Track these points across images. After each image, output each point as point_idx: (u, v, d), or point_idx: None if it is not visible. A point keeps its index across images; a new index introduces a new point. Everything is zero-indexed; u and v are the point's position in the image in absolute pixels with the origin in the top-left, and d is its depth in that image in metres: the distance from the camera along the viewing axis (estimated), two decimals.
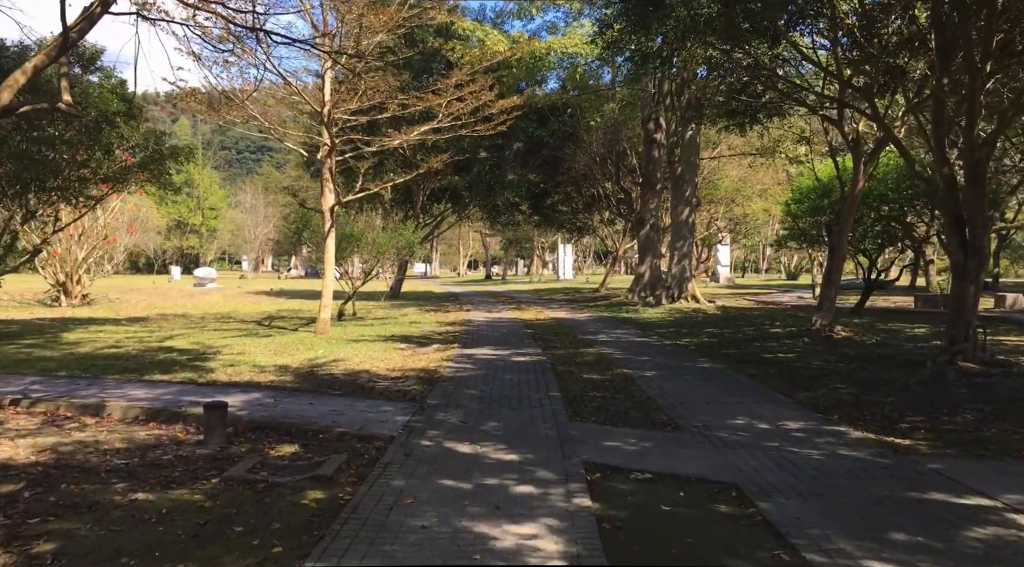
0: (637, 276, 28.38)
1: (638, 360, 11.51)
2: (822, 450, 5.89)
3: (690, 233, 23.77)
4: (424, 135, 17.64)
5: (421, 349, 12.99)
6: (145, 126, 16.35)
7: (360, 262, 19.50)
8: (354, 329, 16.78)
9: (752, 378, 9.69)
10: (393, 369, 10.45)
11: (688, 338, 14.87)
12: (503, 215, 36.64)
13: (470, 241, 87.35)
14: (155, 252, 75.24)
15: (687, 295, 23.47)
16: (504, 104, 18.51)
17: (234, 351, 12.48)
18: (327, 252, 15.74)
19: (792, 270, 57.46)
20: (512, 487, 4.89)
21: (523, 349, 12.97)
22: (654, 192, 27.80)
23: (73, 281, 24.17)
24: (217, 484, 4.91)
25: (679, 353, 12.54)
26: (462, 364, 10.92)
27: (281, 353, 12.29)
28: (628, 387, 8.99)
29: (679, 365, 10.96)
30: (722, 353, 12.39)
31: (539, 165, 31.64)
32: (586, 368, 10.64)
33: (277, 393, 8.16)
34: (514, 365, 10.89)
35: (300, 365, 10.78)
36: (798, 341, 13.59)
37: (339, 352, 12.36)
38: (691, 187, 23.42)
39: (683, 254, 23.64)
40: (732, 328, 16.58)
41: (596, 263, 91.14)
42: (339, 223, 18.68)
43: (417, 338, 14.90)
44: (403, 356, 11.93)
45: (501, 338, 15.02)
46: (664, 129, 27.13)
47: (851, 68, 12.04)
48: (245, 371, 10.08)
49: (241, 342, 13.97)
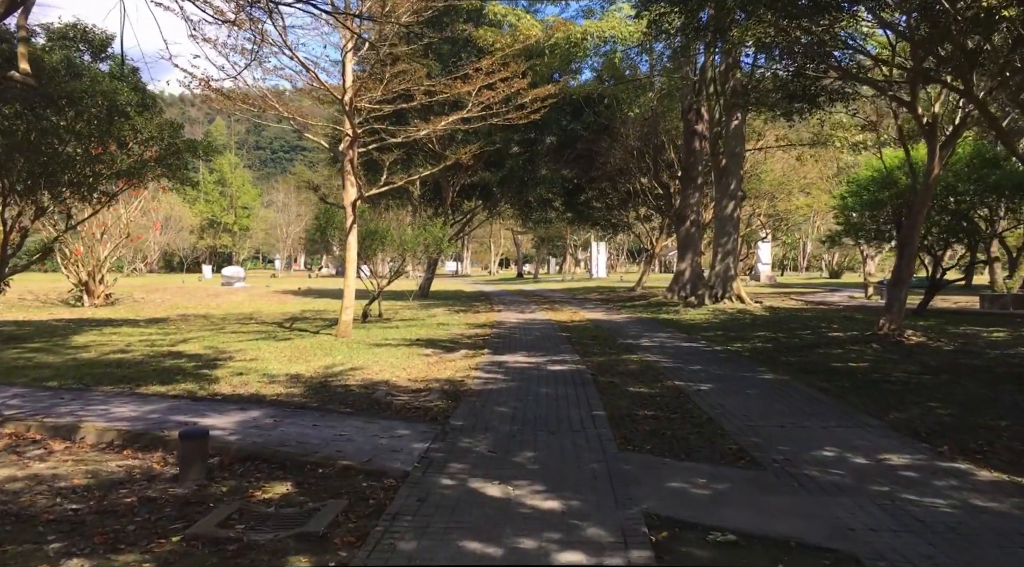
0: (676, 275, 26.99)
1: (689, 370, 10.27)
2: (949, 499, 4.62)
3: (735, 229, 22.33)
4: (452, 125, 16.55)
5: (448, 355, 11.91)
6: (159, 118, 15.50)
7: (387, 260, 18.51)
8: (378, 332, 15.78)
9: (825, 393, 8.39)
10: (415, 379, 9.37)
11: (739, 343, 13.55)
12: (535, 212, 35.47)
13: (501, 239, 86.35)
14: (187, 251, 75.70)
15: (731, 295, 22.04)
16: (538, 93, 17.33)
17: (247, 357, 11.54)
18: (348, 250, 14.75)
19: (834, 268, 55.20)
20: (554, 553, 3.74)
21: (559, 356, 11.80)
22: (695, 186, 26.39)
23: (96, 281, 23.63)
24: (177, 545, 3.85)
25: (733, 361, 11.25)
26: (492, 374, 9.79)
27: (297, 359, 11.31)
28: (683, 404, 7.77)
29: (736, 376, 9.68)
30: (782, 361, 11.08)
31: (573, 160, 30.40)
32: (631, 379, 9.43)
33: (280, 410, 7.12)
34: (550, 375, 9.73)
35: (314, 374, 9.76)
36: (866, 347, 12.18)
37: (359, 358, 11.33)
38: (736, 180, 21.97)
39: (727, 251, 22.22)
40: (786, 332, 15.20)
41: (629, 261, 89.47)
42: (363, 219, 17.73)
43: (444, 342, 13.83)
44: (427, 364, 10.85)
45: (534, 343, 13.87)
46: (706, 120, 25.69)
47: (932, 39, 10.61)
48: (252, 382, 9.09)
49: (257, 346, 13.05)
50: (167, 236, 67.19)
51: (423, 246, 17.95)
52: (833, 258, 61.94)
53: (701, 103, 25.17)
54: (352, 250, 14.80)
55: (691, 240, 26.57)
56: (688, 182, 26.45)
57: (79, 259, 23.25)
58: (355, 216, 14.76)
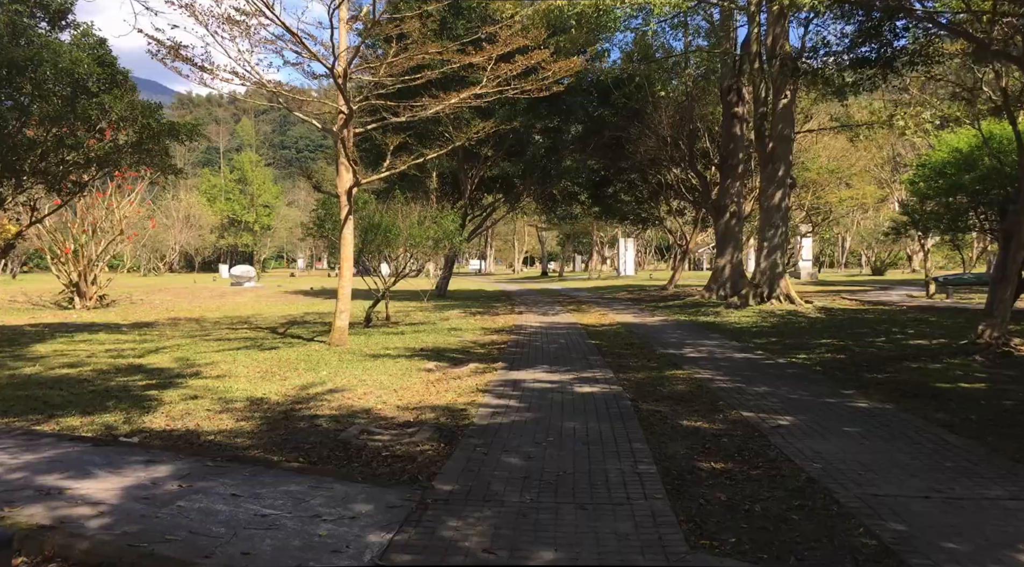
0: (715, 272, 24.69)
1: (753, 391, 8.10)
2: None
3: (783, 221, 20.00)
4: (465, 102, 14.48)
5: (454, 370, 9.87)
6: (131, 96, 13.69)
7: (406, 257, 16.52)
8: (380, 338, 13.81)
9: (951, 430, 6.19)
10: (406, 407, 7.35)
11: (802, 353, 11.33)
12: (560, 206, 33.37)
13: (525, 236, 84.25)
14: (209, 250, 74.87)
15: (779, 294, 19.72)
16: (561, 66, 15.21)
17: (215, 373, 9.63)
18: (343, 245, 12.78)
19: (877, 264, 52.16)
20: None
21: (588, 371, 9.70)
22: (735, 175, 24.07)
23: (87, 281, 22.02)
24: None
25: (806, 379, 9.05)
26: (503, 399, 7.73)
27: (271, 376, 9.37)
28: (762, 451, 5.63)
29: (820, 402, 7.50)
30: (865, 379, 8.87)
31: (600, 148, 28.21)
32: (683, 407, 7.30)
33: (200, 465, 5.12)
34: (577, 401, 7.64)
35: (282, 399, 7.79)
36: (967, 361, 9.90)
37: (345, 375, 9.35)
38: (784, 166, 19.63)
39: (774, 245, 19.90)
40: (854, 338, 12.92)
41: (657, 258, 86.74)
42: (366, 212, 15.78)
43: (453, 353, 11.80)
44: (426, 383, 8.82)
45: (558, 353, 11.78)
46: (747, 101, 23.36)
47: None
48: (199, 411, 7.13)
49: (234, 358, 11.15)
50: (185, 235, 66.32)
51: (433, 241, 15.93)
52: (874, 254, 58.85)
53: (743, 83, 22.85)
54: (348, 245, 12.83)
55: (731, 234, 24.26)
56: (727, 170, 24.12)
57: (69, 258, 21.65)
58: (351, 206, 12.79)
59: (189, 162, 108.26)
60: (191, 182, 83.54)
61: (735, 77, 22.88)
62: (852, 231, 57.25)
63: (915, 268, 57.33)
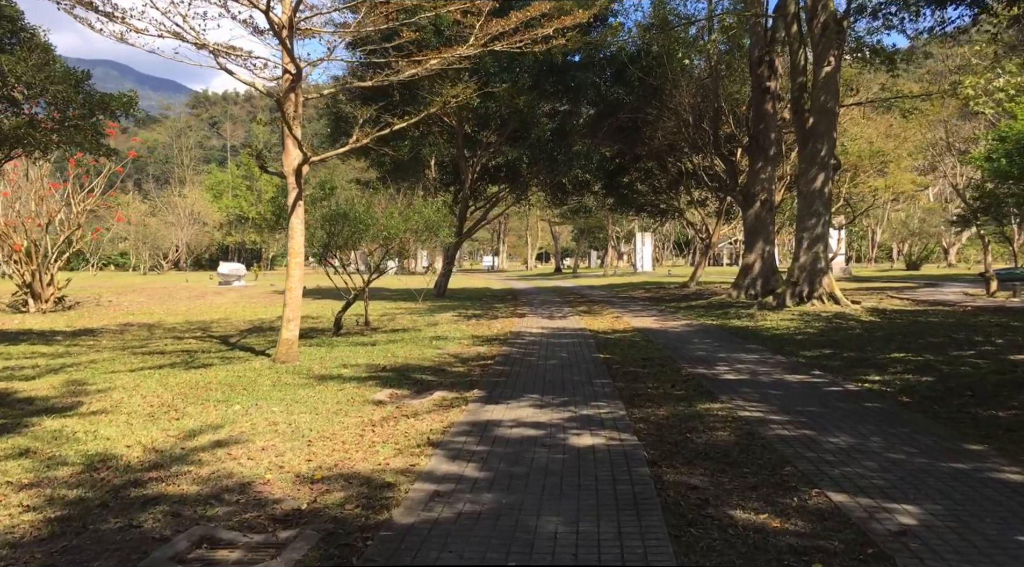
0: (744, 268, 21.98)
1: (831, 445, 5.51)
2: None
3: (825, 208, 17.26)
4: (448, 61, 11.92)
5: (412, 402, 7.37)
6: (43, 58, 11.30)
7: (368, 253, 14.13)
8: (343, 351, 11.36)
9: None
10: (309, 477, 4.85)
11: (873, 372, 8.70)
12: (570, 196, 30.75)
13: (539, 232, 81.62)
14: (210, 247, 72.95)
15: (822, 293, 17.02)
16: (565, 21, 12.64)
17: (94, 408, 7.24)
18: (291, 237, 10.30)
19: (913, 258, 48.90)
20: None
21: (591, 405, 7.14)
22: (766, 158, 21.31)
23: (42, 282, 19.78)
24: None
25: (895, 417, 6.42)
26: (458, 464, 5.19)
27: (164, 413, 6.93)
28: None
29: (940, 469, 4.89)
30: (984, 418, 6.25)
31: (613, 133, 25.53)
32: (731, 479, 4.73)
33: None
34: (570, 467, 5.08)
35: (140, 459, 5.34)
36: None
37: (260, 413, 6.89)
38: (828, 144, 16.89)
39: (815, 236, 17.18)
40: (932, 351, 10.24)
41: (675, 254, 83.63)
42: (337, 199, 13.34)
43: (423, 372, 9.29)
44: (364, 426, 6.32)
45: (556, 374, 9.22)
46: (781, 74, 20.65)
47: None
48: None
49: (144, 381, 8.75)
50: (188, 232, 64.45)
51: (413, 233, 13.43)
52: (908, 247, 55.52)
53: (776, 53, 20.10)
54: (297, 236, 10.35)
55: (761, 225, 21.53)
56: (757, 153, 21.38)
57: (21, 256, 19.42)
58: (300, 188, 10.30)
59: (198, 159, 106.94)
60: (198, 178, 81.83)
61: (766, 47, 20.13)
62: (883, 223, 53.98)
63: (951, 262, 53.97)
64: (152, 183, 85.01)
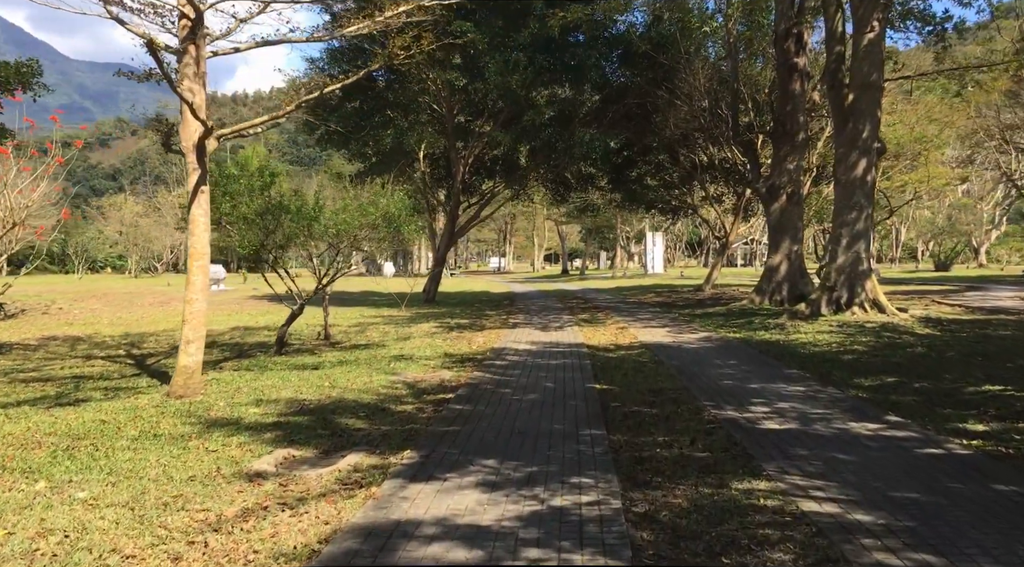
0: (768, 270, 19.43)
1: None
2: None
3: (867, 200, 14.71)
4: (407, 17, 9.49)
5: (306, 475, 4.96)
6: None
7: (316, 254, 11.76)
8: (271, 379, 8.97)
9: None
10: None
11: (972, 419, 6.20)
12: (574, 191, 28.27)
13: (546, 232, 79.10)
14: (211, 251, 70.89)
15: (864, 300, 14.47)
16: None
17: None
18: (192, 233, 7.93)
19: (943, 258, 45.98)
20: None
21: (567, 486, 4.66)
22: (793, 145, 18.77)
23: None
24: None
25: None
26: None
27: None
28: None
29: None
30: None
31: (620, 120, 23.02)
32: None
33: None
34: None
35: None
36: None
37: (59, 501, 4.49)
38: (870, 124, 14.33)
39: (856, 233, 14.63)
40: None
41: (687, 254, 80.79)
42: (274, 190, 10.97)
43: (352, 417, 6.84)
44: (200, 532, 3.88)
45: (531, 416, 6.75)
46: (810, 49, 18.11)
47: None
48: None
49: None
50: (182, 234, 62.39)
51: (371, 229, 11.00)
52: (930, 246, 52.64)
53: (806, 23, 17.56)
54: (199, 233, 7.97)
55: (788, 221, 18.98)
56: (783, 139, 18.83)
57: None
58: (203, 169, 7.92)
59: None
60: None
61: (795, 17, 17.60)
62: (908, 221, 51.12)
63: (982, 262, 51.04)
64: (152, 184, 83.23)
